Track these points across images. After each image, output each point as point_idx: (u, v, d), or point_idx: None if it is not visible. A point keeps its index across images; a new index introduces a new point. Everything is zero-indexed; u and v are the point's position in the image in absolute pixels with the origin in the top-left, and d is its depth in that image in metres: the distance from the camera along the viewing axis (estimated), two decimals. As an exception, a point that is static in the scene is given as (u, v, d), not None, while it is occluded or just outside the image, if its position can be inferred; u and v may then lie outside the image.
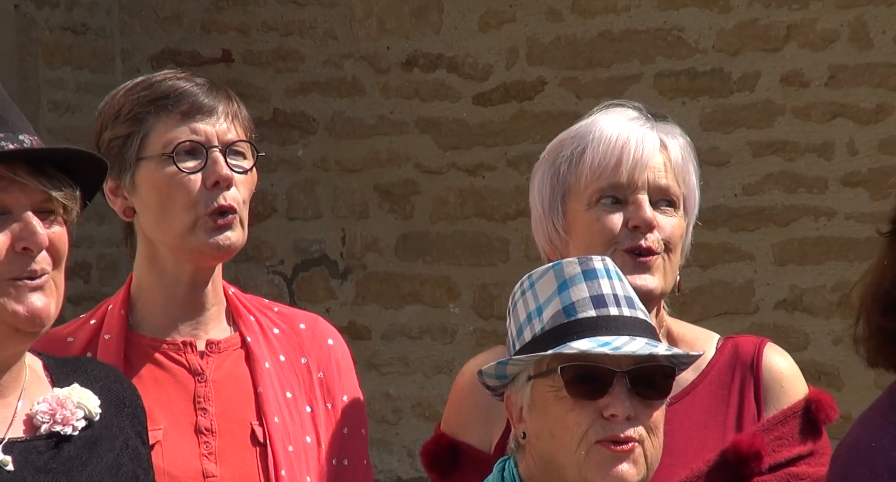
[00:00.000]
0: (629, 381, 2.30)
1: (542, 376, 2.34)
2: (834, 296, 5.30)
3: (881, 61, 5.24)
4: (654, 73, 5.50)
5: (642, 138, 2.67)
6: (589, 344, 2.30)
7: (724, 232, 5.38)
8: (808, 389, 2.71)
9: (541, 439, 2.35)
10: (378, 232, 5.94)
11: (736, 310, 5.36)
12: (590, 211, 2.69)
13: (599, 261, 2.38)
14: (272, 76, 6.02)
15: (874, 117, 5.25)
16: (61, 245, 2.33)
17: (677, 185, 2.70)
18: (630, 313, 2.34)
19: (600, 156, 2.66)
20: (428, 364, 5.83)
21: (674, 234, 2.67)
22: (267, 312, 2.85)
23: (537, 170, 2.75)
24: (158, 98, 2.74)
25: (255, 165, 2.77)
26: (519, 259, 5.61)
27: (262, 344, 2.80)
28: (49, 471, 2.28)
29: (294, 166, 5.99)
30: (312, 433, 2.77)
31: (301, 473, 2.72)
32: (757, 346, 2.72)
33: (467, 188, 5.80)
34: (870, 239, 5.22)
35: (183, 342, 2.75)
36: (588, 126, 2.71)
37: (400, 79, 5.88)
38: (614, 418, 2.30)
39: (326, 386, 2.81)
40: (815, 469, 2.64)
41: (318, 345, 2.83)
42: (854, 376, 5.22)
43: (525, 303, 2.38)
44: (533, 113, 5.65)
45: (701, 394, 2.69)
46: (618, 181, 2.66)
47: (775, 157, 5.37)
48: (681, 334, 2.75)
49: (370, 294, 5.93)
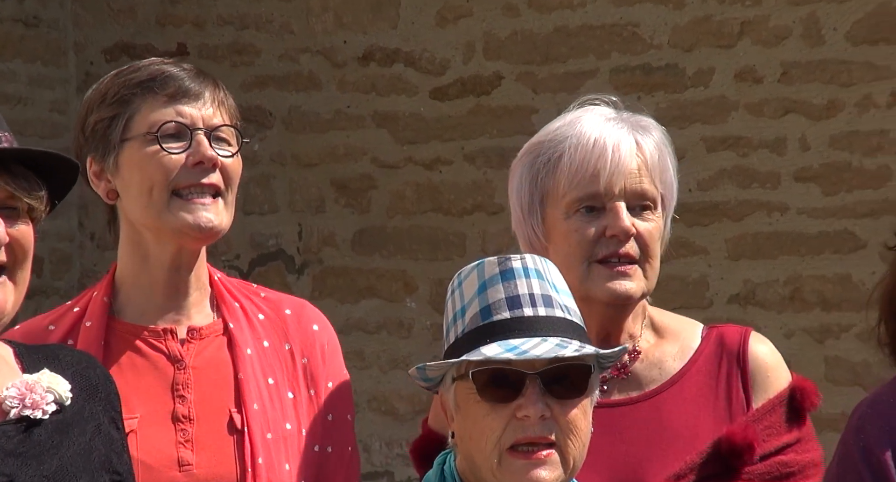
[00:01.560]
0: (542, 382, 2.35)
1: (461, 379, 2.40)
2: (786, 291, 5.40)
3: (832, 58, 5.33)
4: (609, 68, 5.57)
5: (618, 144, 2.73)
6: (497, 349, 2.34)
7: (679, 227, 5.31)
8: (791, 377, 2.83)
9: (464, 440, 2.42)
10: (335, 226, 5.98)
11: (690, 304, 5.42)
12: (568, 220, 2.74)
13: (518, 261, 2.41)
14: (228, 70, 6.04)
15: (825, 113, 5.34)
16: (25, 242, 2.36)
17: (654, 187, 2.77)
18: (546, 312, 2.37)
19: (577, 164, 2.71)
20: (384, 358, 5.89)
21: (652, 238, 2.77)
22: (253, 298, 2.87)
23: (515, 170, 2.81)
24: (145, 80, 2.76)
25: (239, 151, 2.80)
26: (475, 254, 5.64)
27: (245, 330, 2.81)
28: (19, 455, 2.30)
29: (250, 160, 5.83)
30: (294, 420, 2.80)
31: (279, 461, 2.75)
32: (742, 335, 2.80)
33: (424, 183, 5.85)
34: (821, 234, 5.42)
35: (164, 329, 2.77)
36: (565, 128, 2.76)
37: (357, 73, 5.93)
38: (527, 419, 2.34)
39: (310, 372, 2.84)
40: (802, 456, 2.76)
41: (302, 330, 2.85)
42: (806, 370, 5.21)
43: (453, 303, 2.43)
44: (490, 107, 5.71)
45: (689, 383, 2.76)
46: (595, 190, 2.71)
47: (729, 153, 5.45)
48: (664, 324, 2.84)
49: (326, 288, 5.98)
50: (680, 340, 2.79)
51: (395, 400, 5.83)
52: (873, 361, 5.27)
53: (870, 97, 5.29)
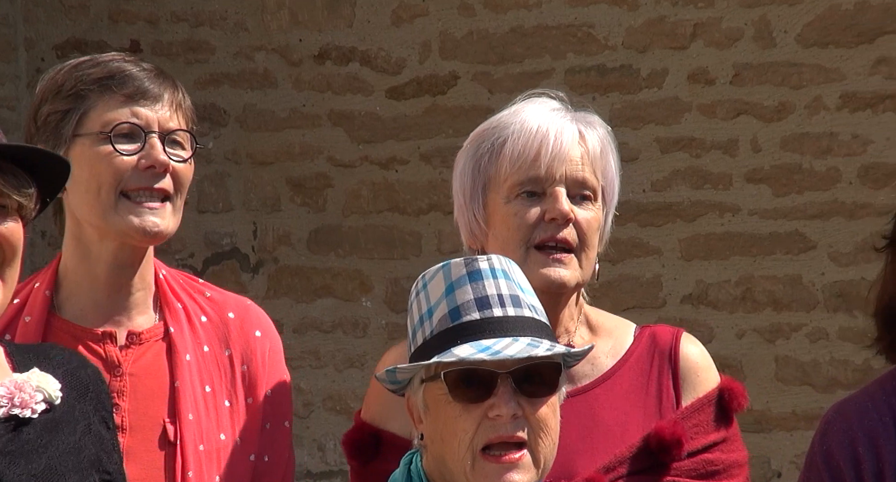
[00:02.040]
0: (514, 381, 2.38)
1: (431, 381, 2.43)
2: (738, 291, 5.46)
3: (783, 60, 5.38)
4: (565, 68, 5.60)
5: (561, 131, 2.79)
6: (469, 350, 2.37)
7: (632, 227, 5.50)
8: (720, 378, 2.89)
9: (434, 442, 2.44)
10: (290, 225, 5.98)
11: (644, 304, 5.50)
12: (508, 204, 2.80)
13: (485, 261, 2.45)
14: (182, 67, 6.02)
15: (776, 115, 5.39)
16: (14, 240, 2.36)
17: (595, 177, 2.82)
18: (515, 312, 2.41)
19: (520, 148, 2.77)
20: (339, 357, 5.90)
21: (590, 227, 2.80)
22: (197, 298, 2.87)
23: (459, 159, 2.87)
24: (104, 77, 2.75)
25: (192, 156, 2.80)
26: (431, 253, 5.70)
27: (185, 334, 2.81)
28: (8, 454, 2.31)
29: (204, 158, 5.99)
30: (228, 429, 2.80)
31: (210, 473, 2.76)
32: (674, 336, 2.88)
33: (380, 182, 5.86)
34: (772, 234, 5.52)
35: (103, 333, 2.76)
36: (509, 117, 2.81)
37: (312, 71, 5.93)
38: (499, 418, 2.38)
39: (249, 379, 2.84)
40: (728, 455, 2.83)
41: (244, 336, 2.86)
42: (756, 369, 5.40)
43: (419, 305, 2.46)
44: (446, 107, 5.74)
45: (621, 379, 2.84)
46: (536, 174, 2.78)
47: (682, 154, 5.50)
48: (599, 323, 2.91)
49: (282, 287, 5.98)
50: (613, 338, 2.85)
51: (351, 399, 5.83)
52: (822, 361, 5.38)
53: (820, 99, 5.37)
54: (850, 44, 5.35)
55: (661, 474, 2.76)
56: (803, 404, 5.34)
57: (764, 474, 5.34)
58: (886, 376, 2.54)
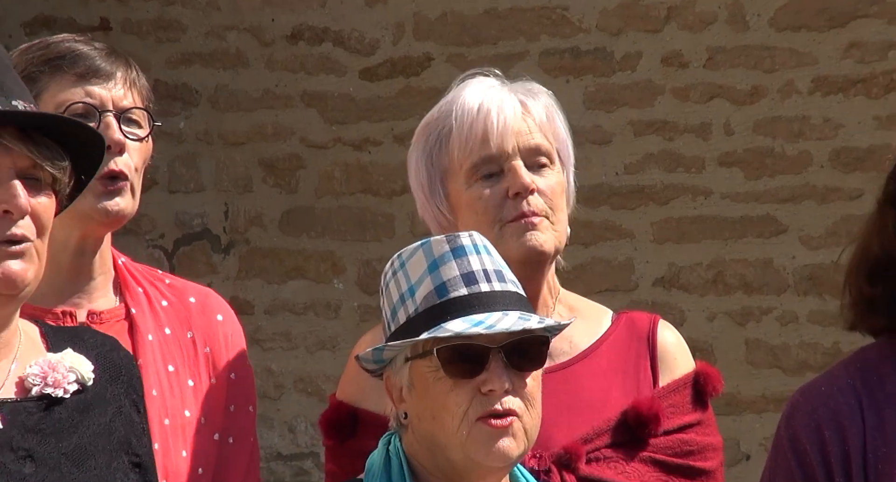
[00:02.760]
0: (504, 355, 2.42)
1: (420, 358, 2.45)
2: (709, 274, 5.53)
3: (756, 44, 5.45)
4: (539, 50, 5.64)
5: (502, 104, 2.80)
6: (462, 324, 2.40)
7: (605, 210, 5.56)
8: (695, 364, 2.94)
9: (423, 420, 2.46)
10: (262, 206, 6.00)
11: (616, 287, 5.56)
12: (470, 189, 2.81)
13: (467, 238, 2.48)
14: (153, 46, 6.04)
15: (749, 99, 5.45)
16: (46, 215, 2.36)
17: (547, 141, 2.83)
18: (501, 287, 2.45)
19: (465, 132, 2.79)
20: (311, 339, 5.92)
21: (554, 193, 2.83)
22: (157, 284, 2.88)
23: (411, 156, 2.91)
24: (54, 58, 2.73)
25: (150, 134, 2.80)
26: (404, 235, 5.72)
27: (147, 316, 2.82)
28: (39, 432, 2.34)
29: (175, 138, 6.01)
30: (193, 407, 2.81)
31: (176, 447, 2.78)
32: (651, 321, 2.93)
33: (353, 163, 5.88)
34: (744, 218, 5.60)
35: (62, 312, 2.78)
36: (449, 104, 2.85)
37: (285, 52, 5.94)
38: (492, 393, 2.42)
39: (213, 361, 2.86)
40: (702, 438, 2.88)
41: (206, 319, 2.87)
42: (726, 352, 5.48)
43: (397, 284, 2.48)
44: (419, 89, 5.76)
45: (599, 358, 2.88)
46: (488, 153, 2.78)
47: (655, 137, 5.56)
48: (575, 304, 2.94)
49: (253, 269, 6.01)
50: (590, 320, 2.91)
51: (322, 381, 5.85)
52: (792, 344, 5.48)
53: (792, 83, 5.44)
54: (823, 28, 5.42)
55: (638, 449, 2.82)
56: (773, 387, 5.43)
57: (734, 456, 5.42)
58: (850, 359, 2.60)
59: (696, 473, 2.86)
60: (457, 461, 2.44)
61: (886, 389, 2.51)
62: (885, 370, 2.53)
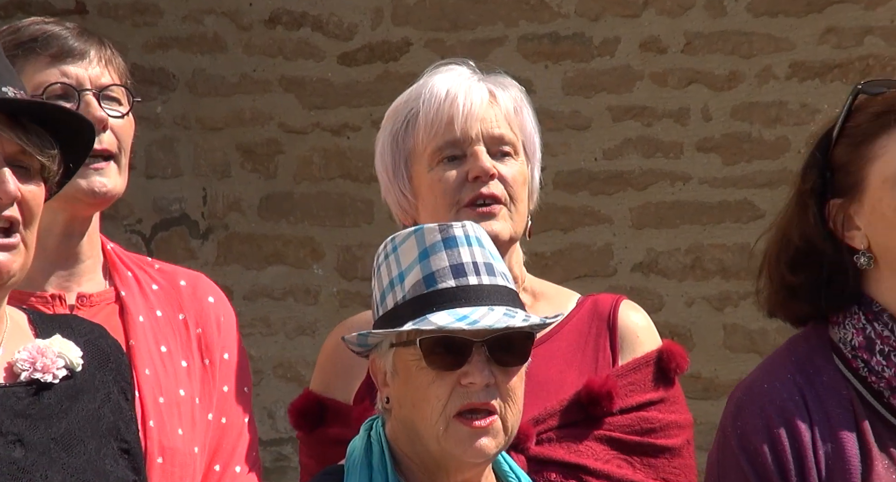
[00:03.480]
0: (488, 350, 2.45)
1: (403, 346, 2.47)
2: (687, 259, 5.58)
3: (734, 29, 5.49)
4: (517, 36, 5.68)
5: (470, 91, 2.85)
6: (447, 318, 2.42)
7: (584, 195, 5.59)
8: (661, 343, 2.96)
9: (403, 407, 2.49)
10: (240, 192, 6.03)
11: (595, 272, 5.60)
12: (432, 172, 2.85)
13: (460, 228, 2.50)
14: (129, 30, 6.05)
15: (727, 84, 5.51)
16: (35, 203, 2.36)
17: (512, 132, 2.89)
18: (490, 281, 2.47)
19: (432, 115, 2.85)
20: (290, 325, 5.96)
21: (515, 182, 2.87)
22: (147, 269, 2.89)
23: (378, 139, 2.95)
24: (26, 41, 2.73)
25: (131, 111, 2.79)
26: (383, 220, 5.69)
27: (137, 298, 2.83)
28: (28, 417, 2.35)
29: (153, 123, 6.02)
30: (188, 386, 2.82)
31: (172, 424, 2.78)
32: (614, 302, 2.95)
33: (331, 148, 5.91)
34: (721, 203, 5.65)
35: (52, 295, 2.78)
36: (418, 88, 2.90)
37: (263, 36, 5.97)
38: (472, 386, 2.44)
39: (205, 343, 2.87)
40: (665, 415, 2.90)
41: (197, 302, 2.88)
42: (705, 337, 5.53)
43: (388, 268, 2.50)
44: (398, 74, 5.78)
45: (560, 341, 2.90)
46: (453, 137, 2.84)
47: (634, 122, 5.60)
48: (540, 289, 2.97)
49: (232, 254, 6.03)
50: (554, 305, 2.94)
51: (301, 366, 5.88)
52: (770, 329, 5.54)
53: (769, 69, 5.49)
54: (800, 13, 5.47)
55: (593, 428, 2.84)
56: (751, 371, 5.48)
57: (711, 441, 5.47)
58: (783, 353, 2.63)
59: (657, 450, 2.87)
60: (434, 452, 2.47)
61: (824, 381, 2.55)
62: (818, 361, 2.56)
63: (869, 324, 2.55)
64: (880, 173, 2.54)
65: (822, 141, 2.63)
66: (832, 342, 2.59)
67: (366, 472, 2.48)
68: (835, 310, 2.59)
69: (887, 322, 2.54)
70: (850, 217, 2.57)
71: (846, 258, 2.56)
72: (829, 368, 2.55)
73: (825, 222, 2.58)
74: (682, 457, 2.94)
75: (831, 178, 2.59)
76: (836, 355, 2.57)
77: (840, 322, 2.59)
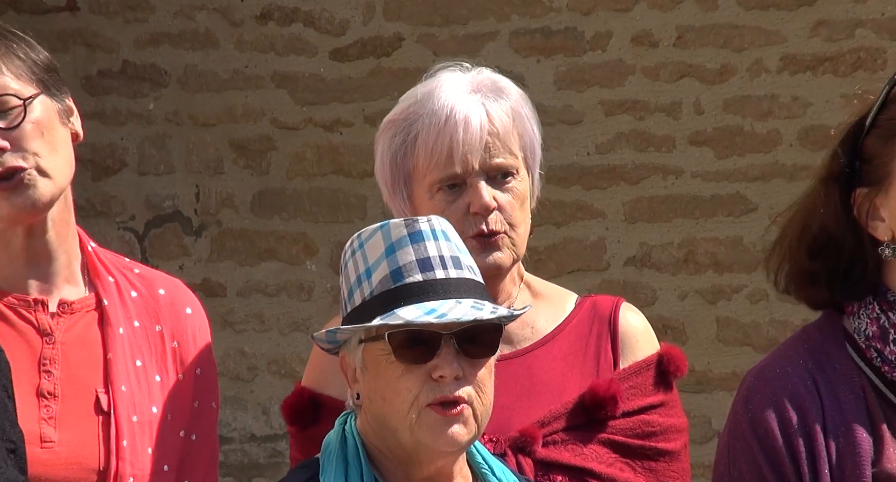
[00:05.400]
0: (456, 342, 2.45)
1: (372, 341, 2.48)
2: (680, 253, 5.62)
3: (725, 22, 5.53)
4: (509, 30, 5.70)
5: (468, 119, 2.83)
6: (415, 312, 2.43)
7: (577, 190, 5.64)
8: (659, 346, 2.96)
9: (374, 402, 2.49)
10: (233, 188, 6.04)
11: (588, 267, 5.63)
12: (432, 200, 2.87)
13: (426, 223, 2.51)
14: (121, 26, 6.05)
15: (719, 77, 5.55)
16: None
17: (512, 154, 2.87)
18: (457, 274, 2.48)
19: (431, 144, 2.84)
20: (284, 321, 5.98)
21: (513, 207, 2.86)
22: (127, 274, 2.86)
23: (377, 146, 2.95)
24: None
25: (26, 107, 2.67)
26: (376, 216, 5.64)
27: (117, 307, 2.80)
28: None
29: (145, 120, 6.05)
30: (160, 403, 2.80)
31: (143, 444, 2.76)
32: (614, 304, 2.95)
33: (324, 144, 5.92)
34: (714, 197, 5.70)
35: (35, 300, 2.76)
36: (416, 106, 2.90)
37: (255, 32, 5.98)
38: (443, 379, 2.44)
39: (180, 356, 2.85)
40: (665, 419, 2.91)
41: (175, 313, 2.85)
42: (698, 330, 5.58)
43: (355, 264, 2.50)
44: (390, 69, 5.82)
45: (560, 343, 2.91)
46: (452, 172, 2.84)
47: (626, 116, 5.64)
48: (539, 289, 2.96)
49: (225, 251, 6.04)
50: (554, 305, 2.96)
51: (295, 362, 5.90)
52: (763, 322, 5.58)
53: (761, 62, 5.53)
54: (791, 6, 5.51)
55: (597, 431, 2.86)
56: (744, 365, 5.48)
57: (705, 434, 5.51)
58: (796, 340, 2.66)
59: (658, 454, 2.89)
60: (407, 444, 2.49)
61: (836, 368, 2.57)
62: (831, 349, 2.59)
63: (884, 313, 2.57)
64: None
65: (853, 130, 2.63)
66: (846, 331, 2.61)
67: (341, 466, 2.49)
68: (851, 299, 2.61)
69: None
70: (876, 207, 2.58)
71: (867, 248, 2.58)
72: (842, 356, 2.57)
73: (849, 211, 2.59)
74: (680, 461, 2.96)
75: (860, 168, 2.59)
76: (850, 344, 2.59)
77: (855, 312, 2.61)
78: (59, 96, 2.78)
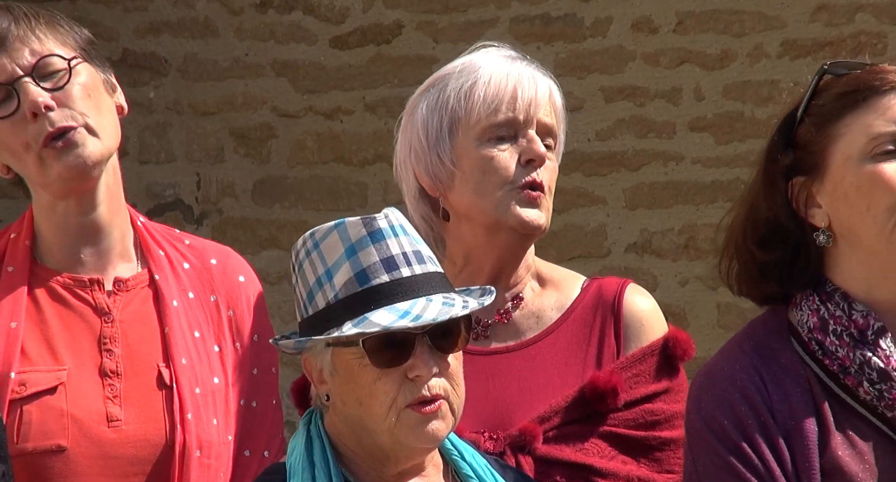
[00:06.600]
0: (429, 339, 2.45)
1: (344, 345, 2.45)
2: (681, 239, 5.64)
3: (725, 8, 5.54)
4: (509, 17, 5.72)
5: (533, 77, 2.84)
6: (388, 316, 2.40)
7: (577, 176, 5.66)
8: (667, 328, 2.94)
9: (347, 405, 2.47)
10: (234, 176, 6.06)
11: (589, 253, 5.66)
12: (481, 148, 2.83)
13: (384, 220, 2.47)
14: (120, 15, 6.09)
15: (719, 63, 5.56)
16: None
17: (557, 128, 2.88)
18: (421, 269, 2.45)
19: (493, 90, 2.81)
20: (286, 309, 5.91)
21: (552, 178, 2.86)
22: (177, 245, 2.88)
23: (420, 101, 2.88)
24: None
25: (71, 69, 2.71)
26: (377, 204, 5.77)
27: (170, 281, 2.83)
28: None
29: (145, 108, 6.06)
30: (220, 373, 2.82)
31: (208, 415, 2.78)
32: (619, 287, 2.92)
33: (325, 132, 5.94)
34: (715, 183, 5.70)
35: (90, 280, 2.78)
36: (471, 63, 2.86)
37: (254, 20, 6.00)
38: (419, 378, 2.44)
39: (236, 324, 2.86)
40: (671, 406, 2.87)
41: (228, 281, 2.88)
42: (699, 316, 5.60)
43: (312, 265, 2.46)
44: (390, 57, 5.83)
45: (563, 333, 2.88)
46: (513, 117, 2.81)
47: (626, 103, 5.65)
48: (548, 275, 2.94)
49: (226, 239, 5.90)
50: (560, 291, 2.93)
51: None
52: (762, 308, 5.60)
53: (761, 47, 5.54)
54: (791, -9, 5.55)
55: (598, 424, 2.83)
56: (745, 350, 5.54)
57: (707, 419, 5.54)
58: (742, 337, 2.67)
59: (662, 443, 2.87)
60: (385, 444, 2.48)
61: (782, 363, 2.58)
62: (775, 344, 2.60)
63: (822, 304, 2.59)
64: (843, 152, 2.59)
65: (787, 119, 2.69)
66: (791, 324, 2.63)
67: (308, 470, 2.47)
68: (795, 290, 2.63)
69: (839, 302, 2.58)
70: (812, 195, 2.62)
71: (808, 237, 2.61)
72: (787, 351, 2.59)
73: (790, 201, 2.63)
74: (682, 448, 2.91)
75: (795, 157, 2.64)
76: (794, 337, 2.61)
77: (798, 304, 2.63)
78: (102, 68, 2.80)
